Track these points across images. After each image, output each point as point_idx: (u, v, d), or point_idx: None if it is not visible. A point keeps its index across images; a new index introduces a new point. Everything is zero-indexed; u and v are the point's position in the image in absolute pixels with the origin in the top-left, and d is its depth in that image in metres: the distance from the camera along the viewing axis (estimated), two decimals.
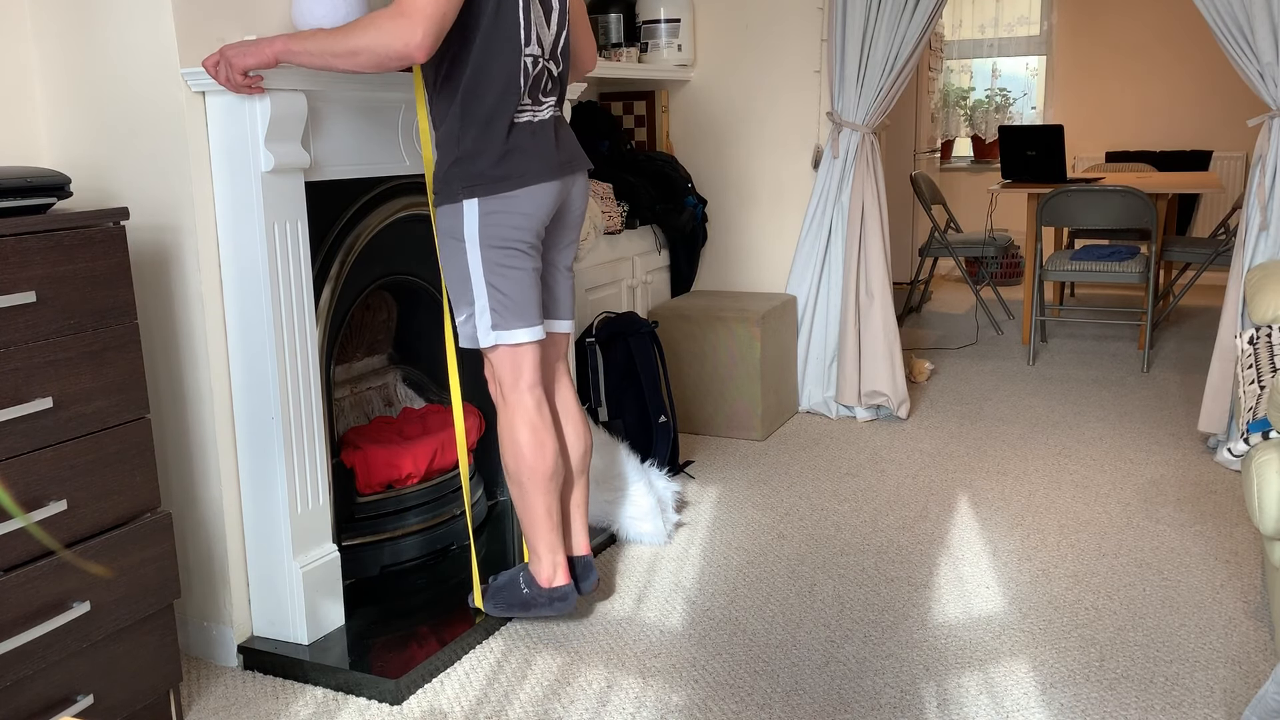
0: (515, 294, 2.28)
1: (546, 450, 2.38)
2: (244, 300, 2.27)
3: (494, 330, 2.31)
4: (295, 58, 2.07)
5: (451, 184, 2.25)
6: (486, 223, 2.24)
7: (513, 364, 2.35)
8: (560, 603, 2.46)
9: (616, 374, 3.48)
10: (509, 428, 2.39)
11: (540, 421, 2.38)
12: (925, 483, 3.47)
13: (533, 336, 2.33)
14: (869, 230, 4.05)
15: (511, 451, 2.39)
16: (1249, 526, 3.05)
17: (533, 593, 2.46)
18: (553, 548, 2.45)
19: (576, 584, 2.54)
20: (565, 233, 2.45)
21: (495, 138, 2.22)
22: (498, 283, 2.27)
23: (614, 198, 3.86)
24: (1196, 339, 5.53)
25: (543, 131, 2.29)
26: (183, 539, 2.41)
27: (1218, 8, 3.44)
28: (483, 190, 2.22)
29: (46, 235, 1.81)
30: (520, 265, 2.28)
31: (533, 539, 2.46)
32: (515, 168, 2.23)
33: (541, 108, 2.30)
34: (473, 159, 2.22)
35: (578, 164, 2.38)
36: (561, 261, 2.47)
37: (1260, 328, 2.89)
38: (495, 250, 2.25)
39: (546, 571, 2.46)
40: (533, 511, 2.42)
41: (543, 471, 2.39)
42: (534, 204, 2.26)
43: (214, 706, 2.23)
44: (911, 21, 3.88)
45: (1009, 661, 2.34)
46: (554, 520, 2.44)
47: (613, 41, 4.24)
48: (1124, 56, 7.18)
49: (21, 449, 1.80)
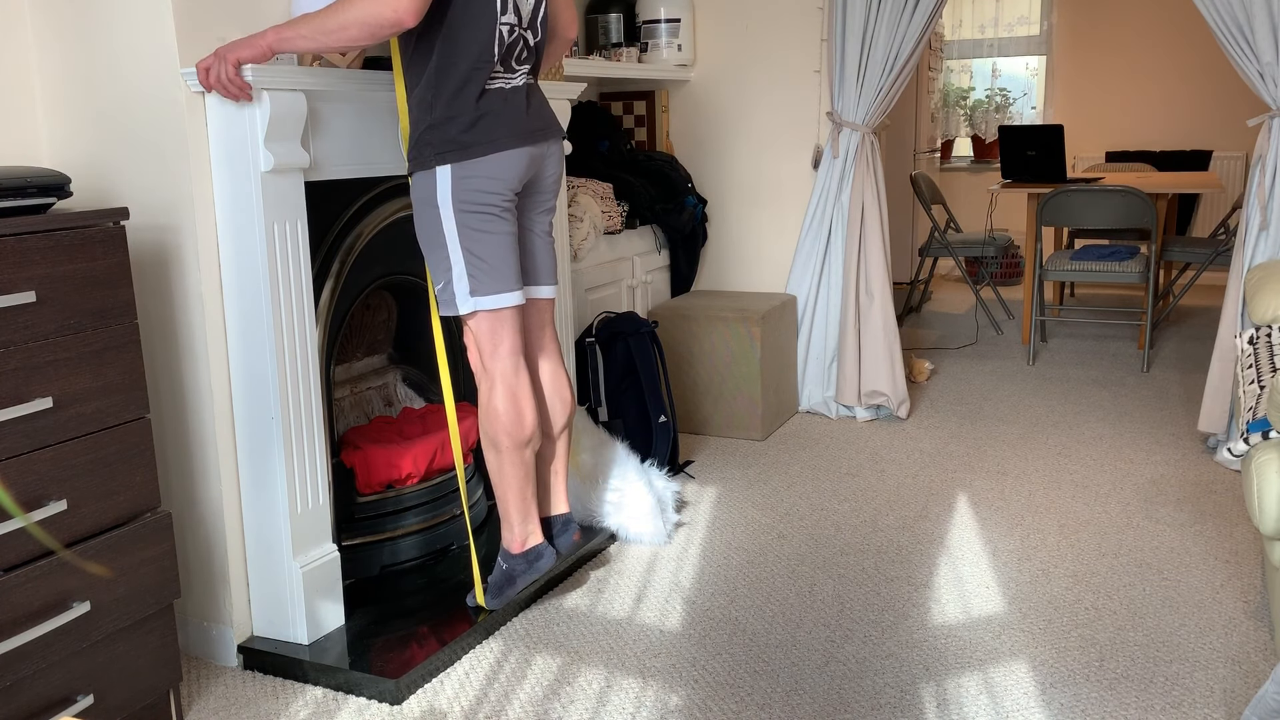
0: (492, 258, 2.28)
1: (525, 418, 2.38)
2: (244, 300, 2.27)
3: (472, 296, 2.30)
4: (289, 44, 2.08)
5: (424, 151, 2.25)
6: (460, 187, 2.24)
7: (492, 330, 2.34)
8: (539, 561, 2.46)
9: (616, 374, 3.48)
10: (487, 394, 2.38)
11: (520, 389, 2.37)
12: (925, 483, 3.47)
13: (511, 301, 2.33)
14: (869, 230, 4.05)
15: (489, 418, 2.39)
16: (1249, 526, 3.05)
17: (511, 565, 2.47)
18: (525, 514, 2.45)
19: (553, 541, 2.56)
20: (541, 198, 2.45)
21: (466, 103, 2.23)
22: (473, 247, 2.27)
23: (614, 198, 3.86)
24: (1196, 339, 5.53)
25: (514, 98, 2.30)
26: (183, 539, 2.41)
27: (1218, 8, 3.44)
28: (454, 156, 2.23)
29: (46, 235, 1.81)
30: (495, 229, 2.28)
31: (505, 505, 2.46)
32: (486, 133, 2.24)
33: (515, 75, 2.31)
34: (444, 125, 2.23)
35: (551, 131, 2.39)
36: (539, 226, 2.48)
37: (1260, 328, 2.89)
38: (469, 214, 2.25)
39: (518, 536, 2.46)
40: (507, 478, 2.42)
41: (520, 439, 2.39)
42: (506, 168, 2.26)
43: (214, 706, 2.23)
44: (911, 21, 3.88)
45: (1009, 661, 2.34)
46: (529, 486, 2.45)
47: (613, 41, 4.24)
48: (1124, 56, 7.18)
49: (21, 449, 1.80)
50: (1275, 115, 3.47)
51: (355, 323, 2.94)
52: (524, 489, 2.44)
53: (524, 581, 2.48)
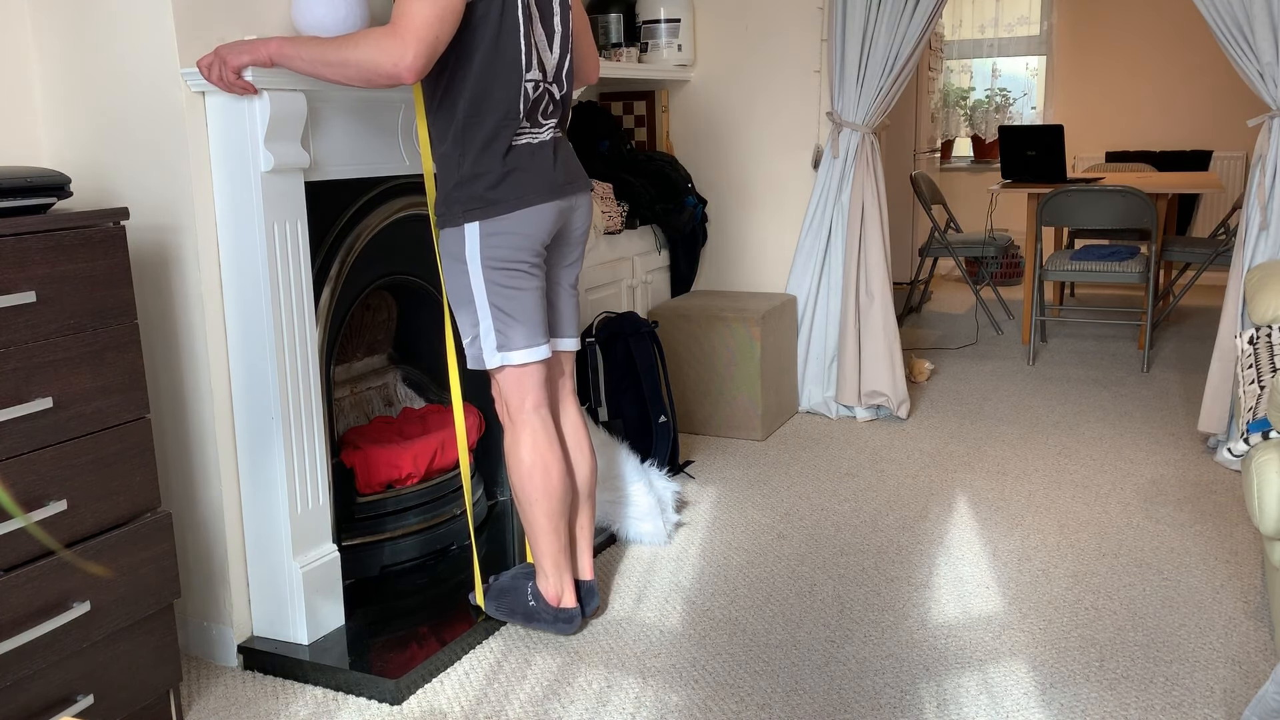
0: (519, 314, 2.28)
1: (552, 472, 2.38)
2: (244, 300, 2.27)
3: (499, 351, 2.31)
4: (288, 61, 2.07)
5: (453, 207, 2.25)
6: (488, 244, 2.24)
7: (518, 384, 2.34)
8: (565, 624, 2.47)
9: (616, 374, 3.48)
10: (515, 449, 2.38)
11: (546, 442, 2.38)
12: (925, 483, 3.47)
13: (538, 356, 2.33)
14: (869, 230, 4.05)
15: (517, 472, 2.39)
16: (1249, 526, 3.05)
17: (539, 606, 2.47)
18: (559, 566, 2.45)
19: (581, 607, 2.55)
20: (568, 251, 2.45)
21: (494, 160, 2.22)
22: (501, 304, 2.27)
23: (614, 198, 3.86)
24: (1196, 339, 5.53)
25: (541, 152, 2.29)
26: (183, 539, 2.41)
27: (1218, 8, 3.44)
28: (482, 213, 2.22)
29: (46, 235, 1.81)
30: (523, 285, 2.28)
31: (540, 557, 2.46)
32: (514, 189, 2.23)
33: (541, 130, 2.30)
34: (472, 182, 2.22)
35: (579, 184, 2.38)
36: (565, 280, 2.47)
37: (1260, 328, 2.89)
38: (497, 271, 2.25)
39: (554, 590, 2.46)
40: (539, 531, 2.42)
41: (549, 492, 2.39)
42: (534, 224, 2.26)
43: (214, 706, 2.23)
44: (911, 21, 3.88)
45: (1009, 661, 2.34)
46: (561, 541, 2.44)
47: (613, 41, 4.24)
48: (1124, 56, 7.18)
49: (21, 449, 1.80)
50: (1275, 115, 3.47)
51: (355, 323, 2.94)
52: (555, 541, 2.43)
53: (541, 629, 2.49)
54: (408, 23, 2.00)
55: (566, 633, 2.47)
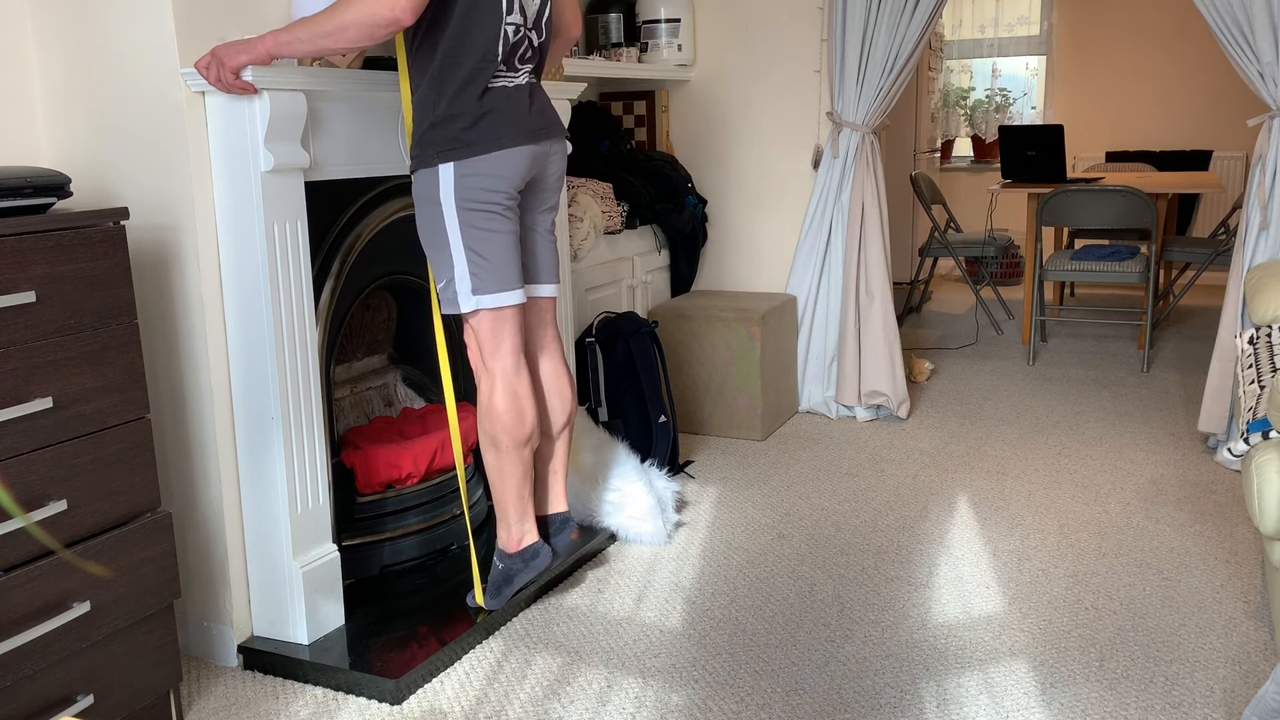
0: (494, 257, 2.28)
1: (525, 418, 2.38)
2: (244, 300, 2.27)
3: (474, 294, 2.30)
4: (287, 49, 2.08)
5: (427, 148, 2.25)
6: (462, 185, 2.24)
7: (493, 328, 2.34)
8: (535, 560, 2.46)
9: (616, 374, 3.48)
10: (488, 393, 2.38)
11: (520, 388, 2.38)
12: (925, 483, 3.47)
13: (513, 300, 2.33)
14: (869, 230, 4.05)
15: (489, 417, 2.39)
16: (1249, 526, 3.05)
17: (507, 564, 2.47)
18: (522, 514, 2.45)
19: (550, 540, 2.55)
20: (543, 196, 2.45)
21: (469, 102, 2.23)
22: (476, 245, 2.27)
23: (614, 198, 3.86)
24: (1196, 339, 5.53)
25: (517, 96, 2.30)
26: (183, 539, 2.41)
27: (1218, 8, 3.44)
28: (457, 154, 2.23)
29: (46, 235, 1.81)
30: (498, 228, 2.28)
31: (503, 504, 2.46)
32: (489, 131, 2.24)
33: (518, 74, 2.31)
34: (447, 123, 2.23)
35: (554, 129, 2.39)
36: (541, 225, 2.48)
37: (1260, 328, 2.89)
38: (472, 213, 2.25)
39: (514, 536, 2.46)
40: (506, 477, 2.42)
41: (519, 438, 2.39)
42: (509, 166, 2.26)
43: (214, 706, 2.23)
44: (911, 21, 3.88)
45: (1009, 661, 2.34)
46: (526, 485, 2.44)
47: (613, 41, 4.24)
48: (1124, 57, 7.18)
49: (21, 449, 1.80)
50: (1275, 115, 3.47)
51: (355, 323, 2.94)
52: (521, 488, 2.44)
53: (522, 580, 2.48)
54: None
55: (541, 567, 2.46)
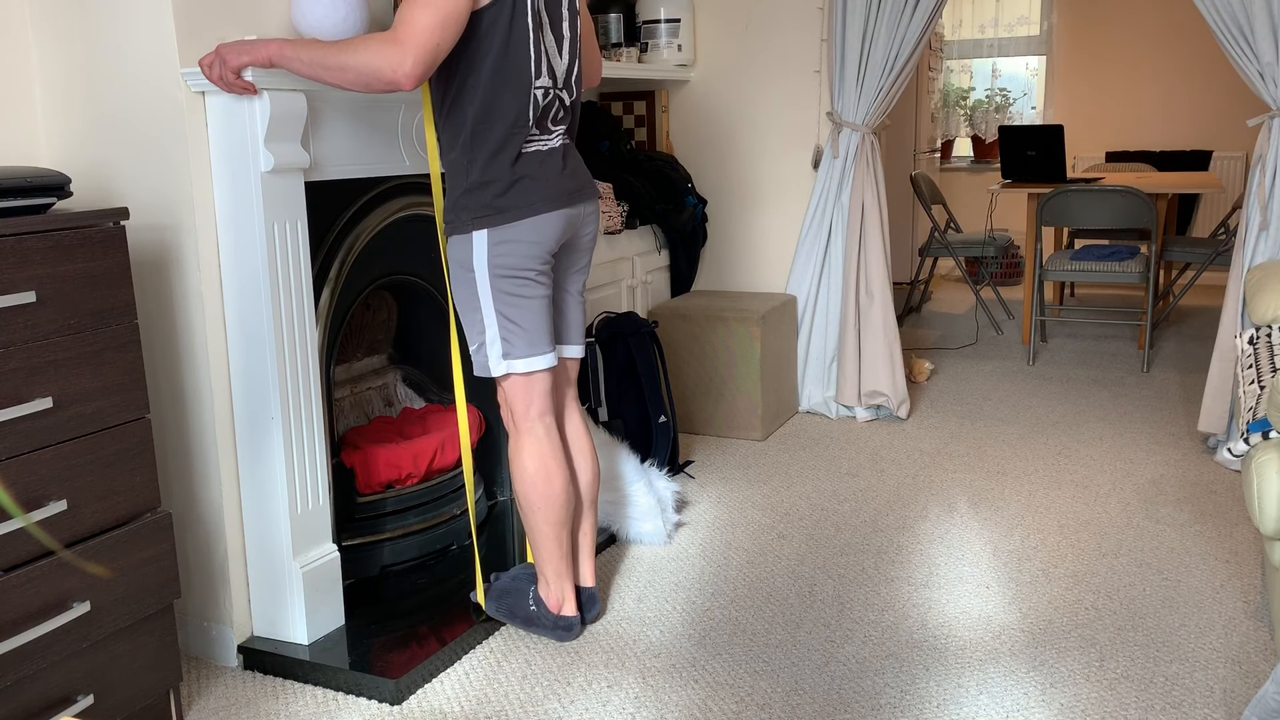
0: (526, 323, 2.28)
1: (555, 479, 2.38)
2: (244, 300, 2.27)
3: (505, 359, 2.30)
4: (288, 63, 2.07)
5: (460, 215, 2.24)
6: (496, 252, 2.23)
7: (524, 392, 2.34)
8: (564, 631, 2.46)
9: (616, 374, 3.48)
10: (519, 456, 2.38)
11: (550, 450, 2.38)
12: (925, 483, 3.47)
13: (544, 365, 2.32)
14: (869, 230, 4.05)
15: (521, 480, 2.39)
16: (1249, 526, 3.05)
17: (540, 612, 2.47)
18: (560, 574, 2.45)
19: (581, 614, 2.55)
20: (576, 258, 2.44)
21: (503, 167, 2.21)
22: (508, 312, 2.27)
23: (614, 198, 3.86)
24: (1196, 339, 5.53)
25: (550, 160, 2.28)
26: (183, 539, 2.41)
27: (1218, 8, 3.44)
28: (491, 221, 2.22)
29: (46, 235, 1.81)
30: (530, 294, 2.27)
31: (542, 565, 2.45)
32: (523, 197, 2.23)
33: (551, 137, 2.30)
34: (481, 189, 2.22)
35: (587, 192, 2.37)
36: (573, 287, 2.47)
37: (1260, 328, 2.89)
38: (505, 279, 2.25)
39: (555, 598, 2.46)
40: (542, 538, 2.42)
41: (552, 500, 2.38)
42: (543, 232, 2.25)
43: (214, 706, 2.23)
44: (911, 21, 3.88)
45: (1009, 661, 2.34)
46: (563, 547, 2.44)
47: (613, 41, 4.24)
48: (1124, 56, 7.18)
49: (21, 449, 1.80)
50: (1275, 115, 3.47)
51: (355, 323, 2.94)
52: (557, 549, 2.43)
53: (540, 634, 2.49)
54: (408, 30, 2.00)
55: (565, 639, 2.47)
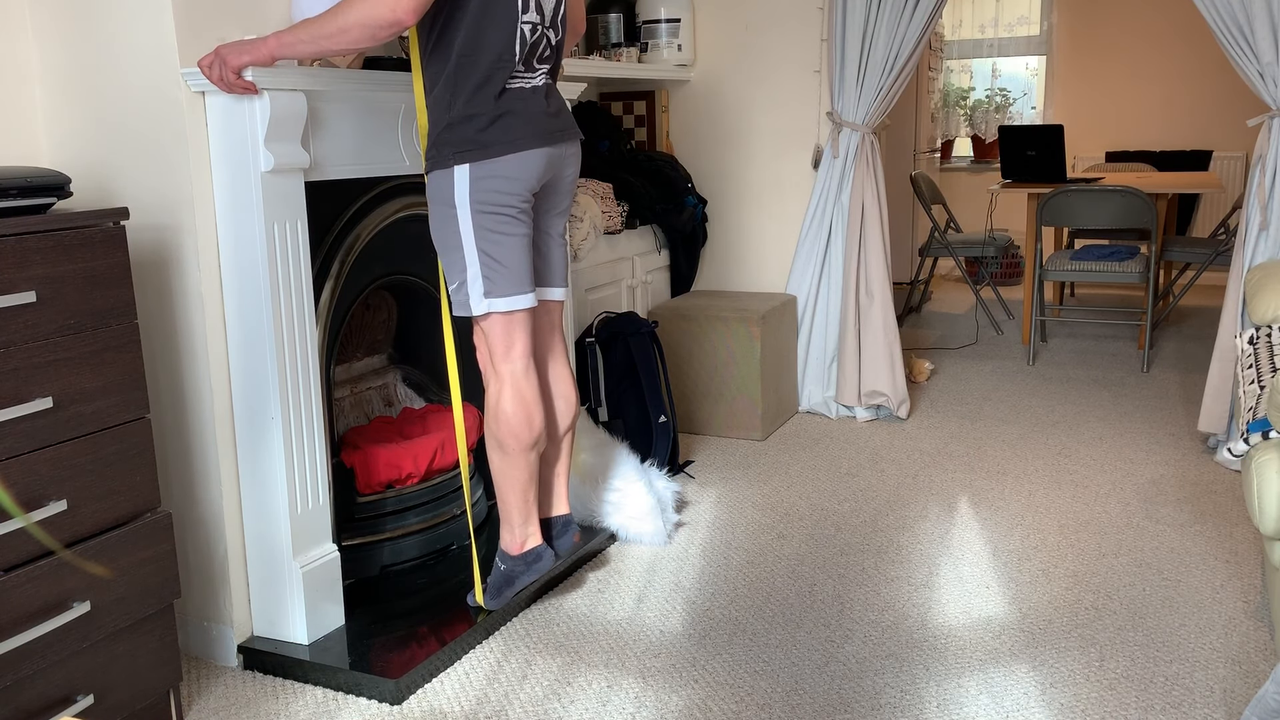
0: (507, 260, 2.27)
1: (533, 421, 2.38)
2: (244, 300, 2.27)
3: (486, 298, 2.29)
4: (290, 50, 2.08)
5: (442, 149, 2.24)
6: (477, 188, 2.22)
7: (504, 332, 2.33)
8: (537, 563, 2.46)
9: (616, 374, 3.48)
10: (496, 396, 2.38)
11: (529, 392, 2.37)
12: (925, 483, 3.47)
13: (525, 304, 2.32)
14: (869, 230, 4.05)
15: (496, 420, 2.38)
16: (1249, 526, 3.05)
17: (510, 566, 2.47)
18: (526, 516, 2.45)
19: (552, 543, 2.55)
20: (558, 199, 2.44)
21: (486, 102, 2.21)
22: (489, 249, 2.26)
23: (614, 198, 3.86)
24: (1196, 339, 5.53)
25: (534, 97, 2.29)
26: (183, 539, 2.41)
27: (1218, 8, 3.44)
28: (473, 155, 2.21)
29: (46, 235, 1.81)
30: (512, 231, 2.27)
31: (507, 506, 2.45)
32: (506, 133, 2.22)
33: (535, 75, 2.30)
34: (463, 124, 2.21)
35: (569, 132, 2.37)
36: (554, 228, 2.47)
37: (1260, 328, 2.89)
38: (486, 215, 2.24)
39: (517, 538, 2.46)
40: (511, 479, 2.42)
41: (526, 441, 2.38)
42: (525, 169, 2.25)
43: (214, 706, 2.23)
44: (911, 21, 3.88)
45: (1009, 661, 2.34)
46: (531, 488, 2.44)
47: (613, 41, 4.24)
48: (1124, 56, 7.18)
49: (21, 449, 1.80)
50: (1275, 115, 3.47)
51: (355, 323, 2.94)
52: (526, 491, 2.44)
53: (523, 582, 2.48)
54: None
55: (543, 571, 2.46)
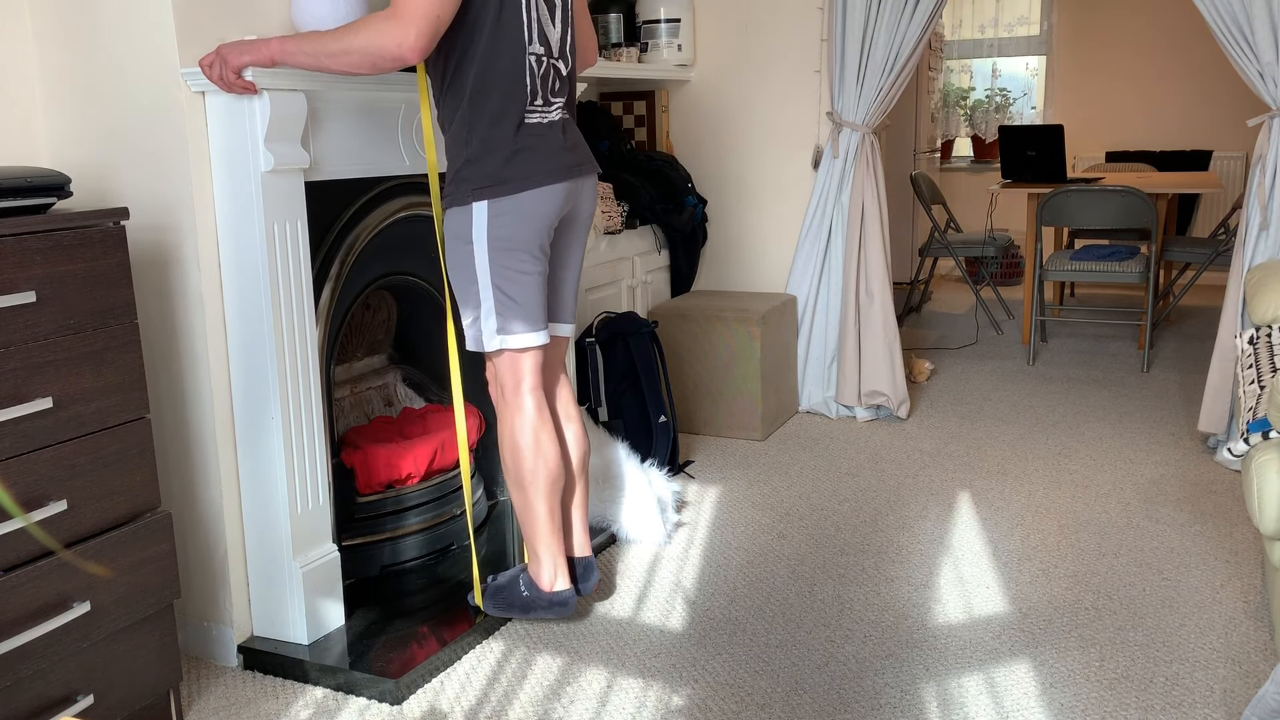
0: (522, 298, 2.28)
1: (547, 453, 2.38)
2: (244, 300, 2.27)
3: (499, 334, 2.30)
4: (290, 58, 2.07)
5: (460, 186, 2.24)
6: (495, 224, 2.23)
7: (516, 367, 2.34)
8: (560, 607, 2.46)
9: (616, 374, 3.48)
10: (510, 431, 2.38)
11: (541, 425, 2.38)
12: (925, 483, 3.47)
13: (538, 341, 2.32)
14: (869, 230, 4.05)
15: (512, 454, 2.39)
16: (1249, 526, 3.05)
17: (533, 595, 2.46)
18: (553, 551, 2.45)
19: (576, 585, 2.54)
20: (574, 235, 2.44)
21: (503, 138, 2.21)
22: (504, 286, 2.26)
23: (614, 198, 3.86)
24: (1196, 339, 5.53)
25: (551, 132, 2.28)
26: (183, 539, 2.41)
27: (1218, 8, 3.44)
28: (491, 192, 2.21)
29: (46, 235, 1.81)
30: (527, 269, 2.27)
31: (533, 542, 2.45)
32: (523, 169, 2.22)
33: (551, 109, 2.30)
34: (481, 160, 2.21)
35: (587, 167, 2.37)
36: (569, 264, 2.47)
37: (1260, 328, 2.89)
38: (503, 253, 2.24)
39: (547, 575, 2.45)
40: (533, 514, 2.42)
41: (543, 475, 2.38)
42: (542, 206, 2.25)
43: (214, 706, 2.23)
44: (911, 21, 3.88)
45: (1009, 661, 2.34)
46: (555, 523, 2.44)
47: (613, 41, 4.24)
48: (1124, 56, 7.18)
49: (21, 449, 1.80)
50: (1275, 115, 3.47)
51: (355, 323, 2.94)
52: (549, 524, 2.43)
53: (539, 617, 2.48)
54: (407, 4, 2.01)
55: (564, 615, 2.46)
